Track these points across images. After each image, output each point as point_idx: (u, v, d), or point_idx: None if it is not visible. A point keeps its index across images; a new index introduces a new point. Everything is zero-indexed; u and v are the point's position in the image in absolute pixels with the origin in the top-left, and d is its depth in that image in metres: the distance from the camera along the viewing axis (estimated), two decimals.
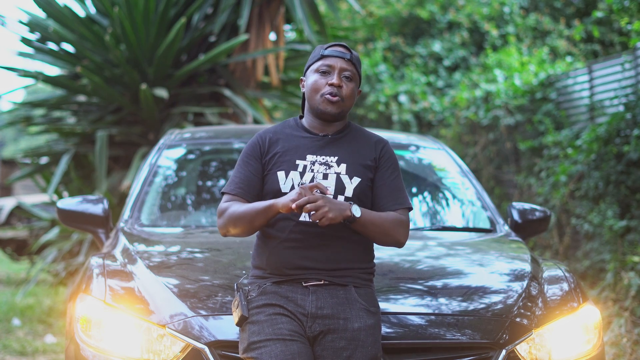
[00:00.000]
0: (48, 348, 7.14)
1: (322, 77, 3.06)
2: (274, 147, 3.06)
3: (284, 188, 2.99)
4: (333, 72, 3.05)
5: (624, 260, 6.70)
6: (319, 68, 3.07)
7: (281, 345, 2.88)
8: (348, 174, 3.01)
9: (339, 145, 3.07)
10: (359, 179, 3.01)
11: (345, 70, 3.06)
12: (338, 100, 3.03)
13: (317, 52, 3.12)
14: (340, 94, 3.03)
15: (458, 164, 4.83)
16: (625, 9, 7.07)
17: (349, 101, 3.06)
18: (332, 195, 2.98)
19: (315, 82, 3.06)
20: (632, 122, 7.04)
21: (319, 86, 3.05)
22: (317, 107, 3.05)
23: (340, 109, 3.05)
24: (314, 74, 3.08)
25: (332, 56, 3.07)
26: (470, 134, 10.50)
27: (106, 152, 7.68)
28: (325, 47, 3.11)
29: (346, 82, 3.06)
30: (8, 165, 19.90)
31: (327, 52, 3.08)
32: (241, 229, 2.97)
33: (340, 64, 3.06)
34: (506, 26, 13.18)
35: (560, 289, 3.54)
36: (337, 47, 3.10)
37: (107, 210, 4.32)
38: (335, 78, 3.03)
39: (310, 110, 3.10)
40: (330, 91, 3.03)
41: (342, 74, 3.05)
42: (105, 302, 3.29)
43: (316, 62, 3.09)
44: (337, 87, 3.03)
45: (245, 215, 2.95)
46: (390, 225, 2.98)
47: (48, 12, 8.12)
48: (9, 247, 14.06)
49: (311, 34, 8.17)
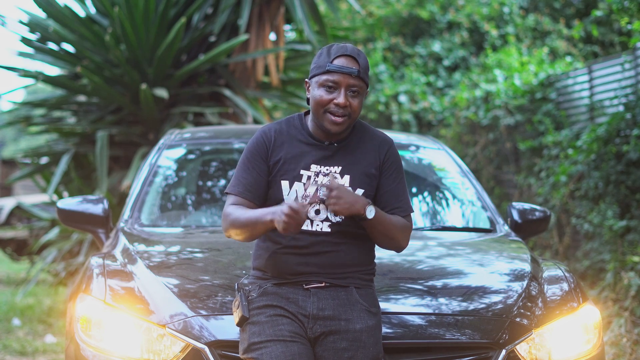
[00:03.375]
0: (48, 348, 7.14)
1: (327, 93, 2.92)
2: (279, 151, 3.00)
3: (287, 199, 2.95)
4: (339, 89, 2.91)
5: (624, 260, 6.70)
6: (324, 83, 2.92)
7: (282, 346, 2.88)
8: (352, 186, 2.97)
9: (343, 154, 3.01)
10: (363, 190, 2.98)
11: (353, 87, 2.92)
12: (344, 120, 2.93)
13: (323, 62, 2.93)
14: (346, 112, 2.93)
15: (458, 164, 4.83)
16: (625, 8, 7.07)
17: (356, 114, 2.95)
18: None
19: (321, 97, 2.92)
20: (632, 122, 7.04)
21: (323, 102, 2.92)
22: (322, 124, 2.96)
23: (346, 126, 2.96)
24: (319, 88, 2.93)
25: (340, 72, 2.91)
26: (470, 134, 10.50)
27: (106, 152, 7.68)
28: (331, 56, 2.93)
29: (352, 97, 2.93)
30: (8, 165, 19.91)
31: (333, 67, 2.91)
32: (244, 237, 2.96)
33: (347, 81, 2.91)
34: (506, 26, 13.18)
35: (560, 289, 3.54)
36: (344, 59, 2.91)
37: (107, 210, 4.31)
38: (342, 98, 2.90)
39: (314, 120, 3.01)
40: (336, 111, 2.92)
41: (348, 91, 2.92)
42: (106, 302, 3.29)
43: (321, 75, 2.93)
44: (344, 107, 2.92)
45: (246, 224, 2.91)
46: (398, 231, 2.99)
47: (48, 12, 8.12)
48: (9, 247, 14.07)
49: (311, 34, 8.17)
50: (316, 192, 2.91)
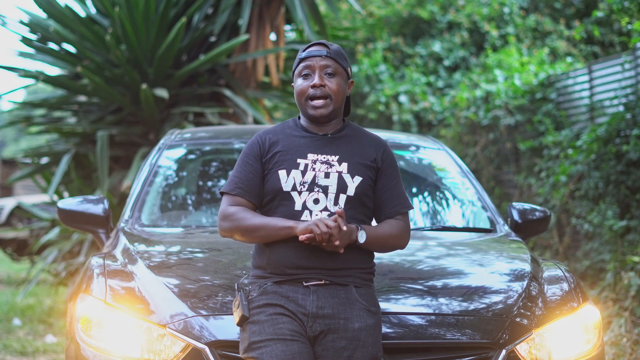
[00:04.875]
0: (48, 348, 7.14)
1: (304, 80, 3.04)
2: (274, 147, 3.05)
3: (285, 187, 2.98)
4: (314, 73, 3.03)
5: (624, 260, 6.71)
6: (300, 72, 3.06)
7: (282, 345, 2.88)
8: (350, 172, 3.01)
9: (339, 144, 3.07)
10: (361, 177, 3.02)
11: (326, 67, 3.03)
12: (325, 102, 3.02)
13: (298, 55, 3.10)
14: (325, 92, 3.02)
15: (458, 164, 4.83)
16: (626, 9, 7.07)
17: (337, 96, 3.04)
18: (334, 193, 2.98)
19: (300, 86, 3.05)
20: (632, 122, 7.04)
21: (303, 90, 3.04)
22: (307, 112, 3.05)
23: (330, 108, 3.04)
24: (298, 78, 3.07)
25: (310, 57, 3.04)
26: (470, 134, 10.51)
27: (107, 152, 7.68)
28: (303, 49, 3.10)
29: (329, 78, 3.03)
30: (8, 165, 19.91)
31: (304, 54, 3.06)
32: (250, 239, 3.00)
33: (319, 63, 3.03)
34: (506, 26, 13.18)
35: (560, 289, 3.54)
36: (313, 47, 3.07)
37: (107, 210, 4.32)
38: (317, 78, 3.02)
39: (303, 114, 3.10)
40: (314, 93, 3.02)
41: (323, 72, 3.03)
42: (106, 302, 3.29)
43: (297, 67, 3.07)
44: (320, 86, 3.02)
45: (259, 229, 2.95)
46: (394, 240, 3.05)
47: (49, 12, 8.13)
48: (10, 247, 14.09)
49: (311, 34, 8.17)
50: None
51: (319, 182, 2.98)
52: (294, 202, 2.98)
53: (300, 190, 2.98)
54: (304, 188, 2.98)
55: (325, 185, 2.98)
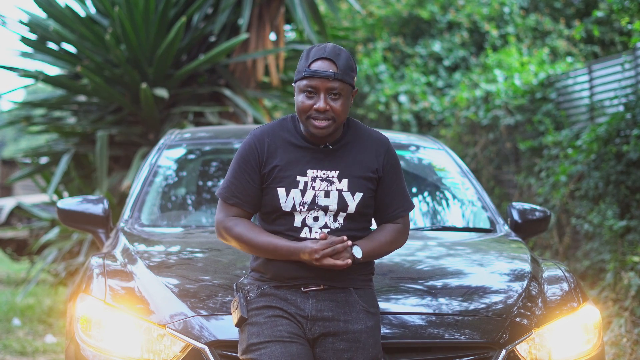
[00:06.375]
0: (48, 348, 7.14)
1: (307, 98, 2.88)
2: (273, 159, 2.95)
3: (284, 207, 2.93)
4: (318, 94, 2.88)
5: (624, 260, 6.70)
6: (303, 88, 2.89)
7: (280, 347, 2.88)
8: (350, 190, 2.95)
9: (340, 155, 2.98)
10: (362, 193, 2.96)
11: (332, 90, 2.87)
12: (328, 124, 2.89)
13: (302, 67, 2.90)
14: (329, 115, 2.89)
15: (458, 164, 4.83)
16: (626, 8, 7.07)
17: (340, 117, 2.90)
18: (334, 211, 2.94)
19: (302, 103, 2.89)
20: (632, 122, 7.04)
21: (305, 109, 2.88)
22: (308, 129, 2.93)
23: (332, 129, 2.92)
24: (300, 93, 2.90)
25: (316, 77, 2.87)
26: (470, 134, 10.50)
27: (106, 152, 7.68)
28: (309, 60, 2.89)
29: (334, 100, 2.88)
30: (8, 165, 19.91)
31: (309, 73, 2.87)
32: (250, 251, 2.98)
33: (325, 85, 2.87)
34: (506, 26, 13.18)
35: (560, 289, 3.54)
36: (321, 62, 2.87)
37: (107, 210, 4.31)
38: (322, 103, 2.86)
39: (303, 127, 2.97)
40: (317, 116, 2.88)
41: (328, 94, 2.88)
42: (106, 302, 3.29)
43: (301, 81, 2.90)
44: (324, 111, 2.88)
45: (262, 247, 2.92)
46: (390, 246, 3.02)
47: (48, 12, 8.13)
48: (9, 247, 14.08)
49: (311, 34, 8.17)
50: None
51: (319, 202, 2.93)
52: (294, 219, 2.94)
53: (300, 210, 2.94)
54: (304, 208, 2.93)
55: (325, 205, 2.93)
